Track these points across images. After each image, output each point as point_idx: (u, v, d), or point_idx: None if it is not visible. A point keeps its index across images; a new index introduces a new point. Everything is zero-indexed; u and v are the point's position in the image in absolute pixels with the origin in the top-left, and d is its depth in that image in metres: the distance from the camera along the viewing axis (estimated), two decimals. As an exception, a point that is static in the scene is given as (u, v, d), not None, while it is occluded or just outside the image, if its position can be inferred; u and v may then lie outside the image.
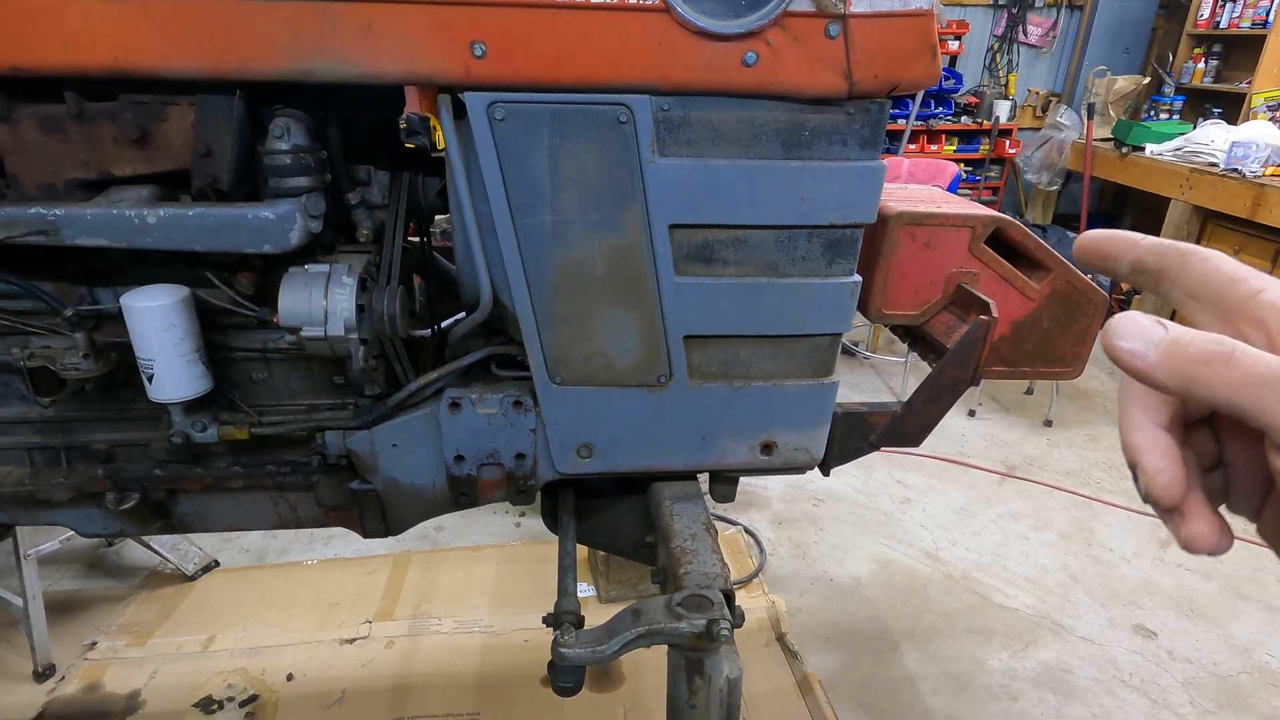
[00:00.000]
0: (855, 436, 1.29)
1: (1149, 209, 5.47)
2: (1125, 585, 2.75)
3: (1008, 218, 1.26)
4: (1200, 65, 5.52)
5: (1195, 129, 4.77)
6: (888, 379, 4.32)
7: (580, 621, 1.05)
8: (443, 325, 1.27)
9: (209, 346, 1.11)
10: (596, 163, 0.99)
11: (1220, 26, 5.35)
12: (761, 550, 2.85)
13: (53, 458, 1.23)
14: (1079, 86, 5.97)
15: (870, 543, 2.95)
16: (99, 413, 1.20)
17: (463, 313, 1.19)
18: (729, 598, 1.02)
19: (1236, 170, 4.11)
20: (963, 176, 5.20)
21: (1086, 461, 3.56)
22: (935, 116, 6.03)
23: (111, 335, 1.12)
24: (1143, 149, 4.98)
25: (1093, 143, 5.38)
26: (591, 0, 0.90)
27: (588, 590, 2.58)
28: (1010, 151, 6.13)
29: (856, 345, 4.64)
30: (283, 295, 1.04)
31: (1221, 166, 4.24)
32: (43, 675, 2.21)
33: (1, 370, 1.17)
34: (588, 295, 1.08)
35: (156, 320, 1.03)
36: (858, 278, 1.12)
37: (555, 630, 1.02)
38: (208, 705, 2.15)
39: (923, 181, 3.96)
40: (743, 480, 1.39)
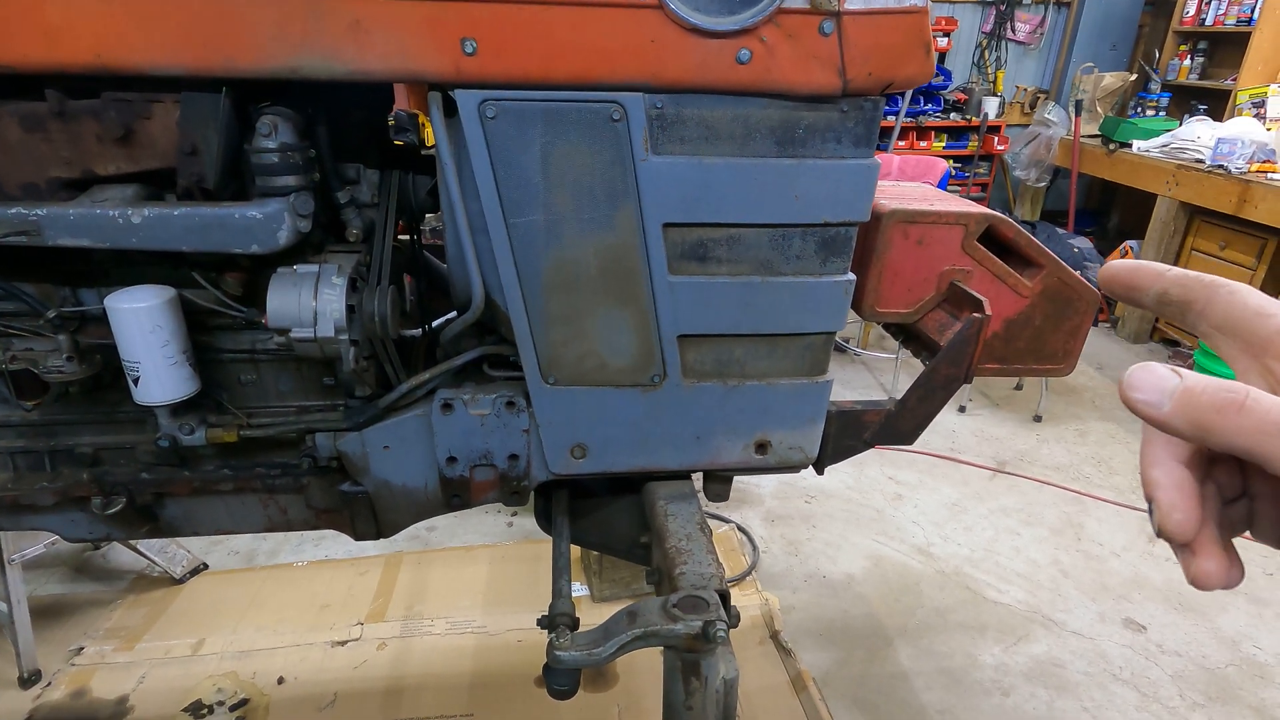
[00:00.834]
0: (849, 435, 1.29)
1: (1136, 205, 5.52)
2: (1115, 579, 2.78)
3: (1000, 215, 1.26)
4: (1186, 62, 5.57)
5: (1181, 125, 4.80)
6: (878, 375, 4.33)
7: (575, 624, 1.04)
8: (434, 325, 1.26)
9: (196, 348, 1.09)
10: (589, 161, 0.98)
11: (1206, 24, 5.39)
12: (754, 548, 2.86)
13: (37, 462, 1.20)
14: (1066, 83, 6.00)
15: (863, 539, 2.96)
16: (84, 416, 1.18)
17: (454, 312, 1.18)
18: (725, 598, 1.01)
19: (1222, 166, 4.14)
20: (952, 173, 5.21)
21: (1076, 456, 3.59)
22: (924, 113, 6.04)
23: (96, 337, 1.10)
24: (1130, 145, 5.02)
25: (1080, 139, 5.42)
26: (584, -4, 0.89)
27: (581, 589, 2.58)
28: (999, 148, 6.16)
29: (848, 342, 4.65)
30: (271, 296, 1.02)
31: (1207, 163, 4.27)
32: (28, 681, 2.18)
33: (-17, 373, 1.14)
34: (581, 294, 1.07)
35: (142, 322, 1.01)
36: (852, 276, 1.12)
37: (550, 633, 1.01)
38: (197, 710, 2.13)
39: (913, 178, 3.96)
40: (735, 478, 1.39)
